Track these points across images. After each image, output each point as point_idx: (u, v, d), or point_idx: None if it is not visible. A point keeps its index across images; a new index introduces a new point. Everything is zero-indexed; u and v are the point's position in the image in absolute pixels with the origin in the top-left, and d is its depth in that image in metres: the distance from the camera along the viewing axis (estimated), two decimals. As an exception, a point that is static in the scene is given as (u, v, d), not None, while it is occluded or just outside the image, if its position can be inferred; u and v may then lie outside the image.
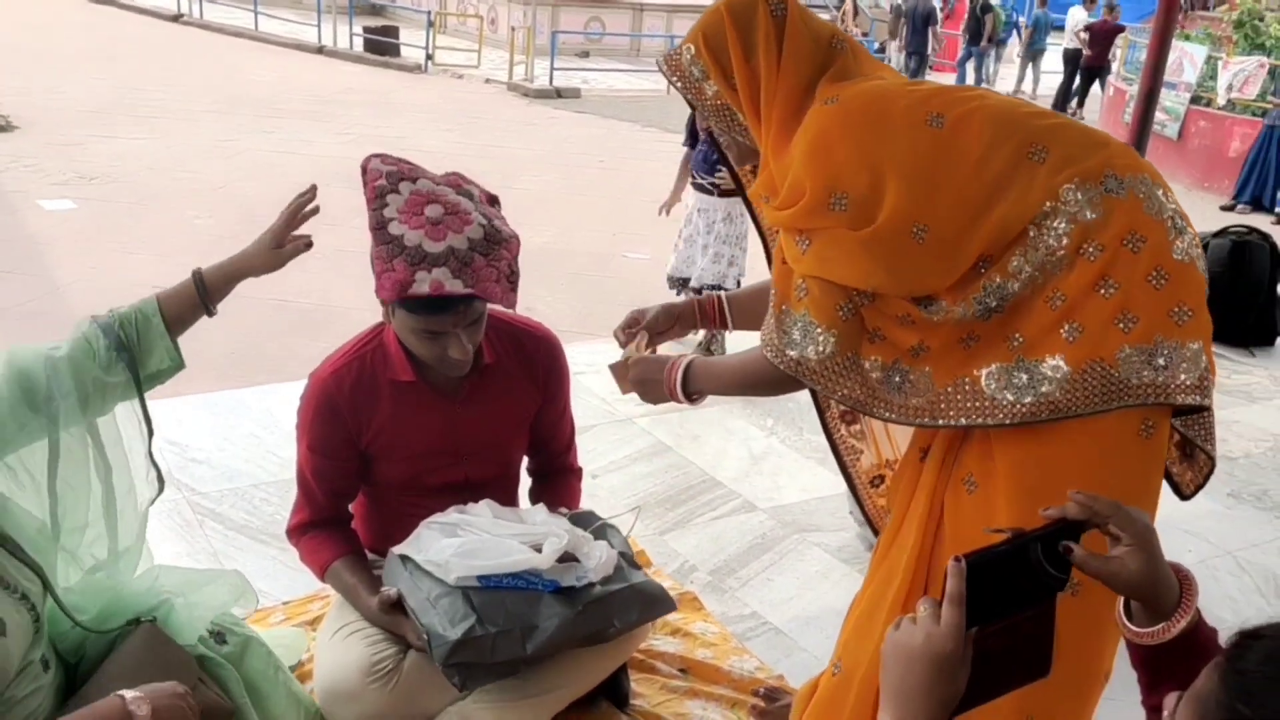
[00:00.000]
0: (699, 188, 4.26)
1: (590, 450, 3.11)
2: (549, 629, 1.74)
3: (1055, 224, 1.36)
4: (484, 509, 1.91)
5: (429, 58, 14.53)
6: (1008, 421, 1.38)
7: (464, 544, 1.78)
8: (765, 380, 1.59)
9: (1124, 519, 1.07)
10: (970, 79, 15.49)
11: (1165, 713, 0.96)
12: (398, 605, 1.81)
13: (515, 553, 1.78)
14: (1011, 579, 1.05)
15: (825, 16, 3.16)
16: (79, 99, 10.15)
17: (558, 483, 2.17)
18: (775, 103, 1.51)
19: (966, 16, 15.42)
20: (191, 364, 4.26)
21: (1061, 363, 1.36)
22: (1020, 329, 1.38)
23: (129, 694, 1.34)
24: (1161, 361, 1.35)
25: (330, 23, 15.20)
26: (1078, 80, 14.56)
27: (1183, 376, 1.36)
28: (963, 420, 1.41)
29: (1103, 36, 13.90)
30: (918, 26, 14.39)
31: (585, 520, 2.00)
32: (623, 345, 1.91)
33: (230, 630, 1.70)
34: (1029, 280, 1.37)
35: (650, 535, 2.84)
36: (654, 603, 1.90)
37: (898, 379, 1.45)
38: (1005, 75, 16.39)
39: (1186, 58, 10.44)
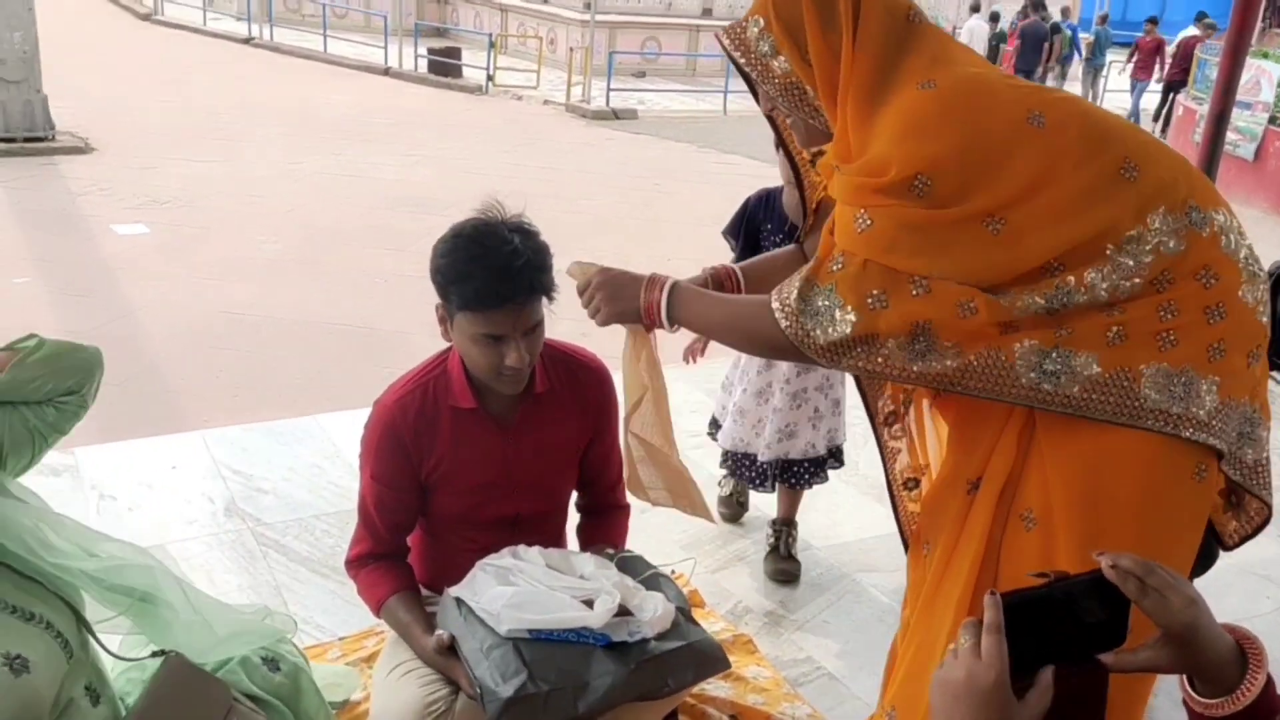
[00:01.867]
0: None
1: (642, 485, 3.10)
2: (601, 687, 1.73)
3: (1138, 249, 1.34)
4: (536, 555, 1.91)
5: (490, 78, 14.75)
6: (1017, 401, 1.37)
7: (516, 594, 1.79)
8: (762, 338, 1.50)
9: (1157, 606, 1.03)
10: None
11: None
12: (451, 649, 1.81)
13: (567, 608, 1.78)
14: (1058, 627, 1.02)
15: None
16: (153, 122, 10.50)
17: (605, 520, 2.17)
18: (853, 79, 1.42)
19: (1025, 36, 15.30)
20: (256, 389, 4.35)
21: (1094, 362, 1.34)
22: (1071, 325, 1.36)
23: None
24: (1182, 390, 1.34)
25: (396, 45, 15.52)
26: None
27: (1199, 412, 1.34)
28: (979, 391, 1.37)
29: (1147, 53, 14.18)
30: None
31: (635, 566, 1.99)
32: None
33: (283, 658, 1.73)
34: (1099, 296, 1.35)
35: (703, 574, 2.82)
36: (709, 662, 1.88)
37: (921, 347, 1.37)
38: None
39: (1264, 76, 10.15)
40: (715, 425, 2.97)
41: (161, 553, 2.69)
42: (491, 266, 1.74)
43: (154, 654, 1.60)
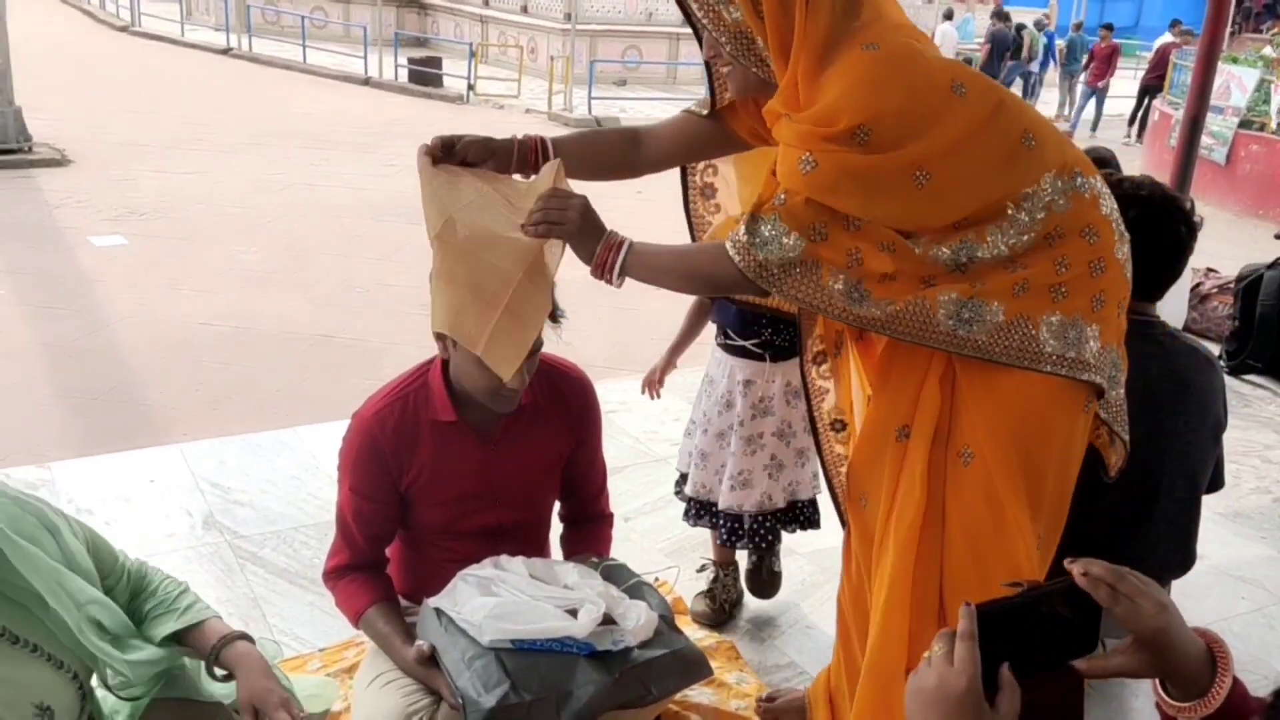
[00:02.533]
0: (735, 351, 2.50)
1: (623, 492, 3.10)
2: (584, 696, 1.73)
3: (1033, 206, 1.53)
4: (519, 565, 1.90)
5: (471, 88, 14.75)
6: (937, 346, 1.56)
7: (498, 605, 1.78)
8: (714, 276, 1.65)
9: (1129, 612, 1.04)
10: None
11: None
12: (432, 659, 1.80)
13: (550, 618, 1.78)
14: (1031, 635, 1.03)
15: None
16: (130, 133, 10.44)
17: (589, 529, 2.17)
18: (806, 38, 1.53)
19: (994, 41, 15.58)
20: (235, 401, 4.33)
21: (1001, 311, 1.54)
22: (984, 280, 1.54)
23: None
24: (1072, 337, 1.55)
25: (376, 55, 15.49)
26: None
27: (1087, 355, 1.57)
28: (905, 336, 1.56)
29: (1102, 60, 14.42)
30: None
31: (619, 575, 1.98)
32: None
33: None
34: (999, 252, 1.53)
35: (686, 582, 2.80)
36: (692, 669, 1.87)
37: (857, 295, 1.55)
38: (1047, 99, 16.28)
39: (1234, 81, 10.28)
40: (683, 479, 2.63)
41: (140, 567, 2.68)
42: None
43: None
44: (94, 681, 1.54)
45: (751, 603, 2.75)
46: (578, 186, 1.80)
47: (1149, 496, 2.19)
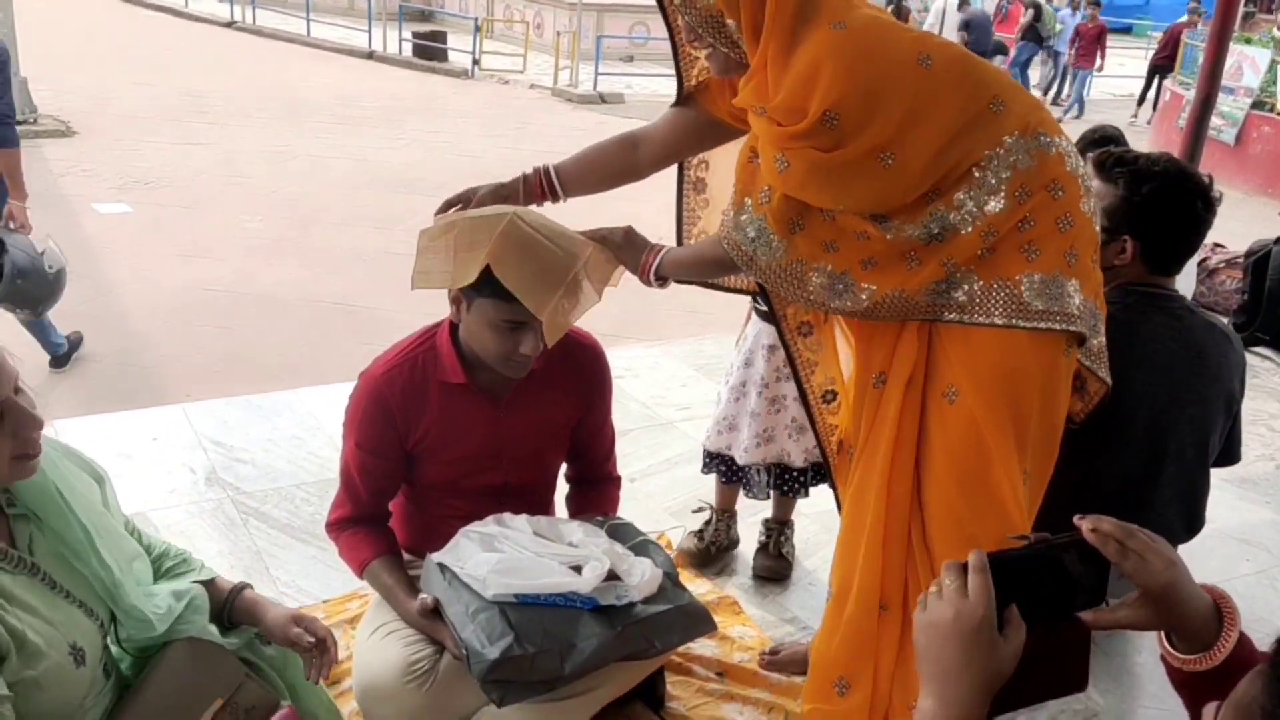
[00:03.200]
0: (765, 316, 2.48)
1: (629, 454, 3.09)
2: (587, 649, 1.73)
3: (998, 166, 1.56)
4: (523, 523, 1.90)
5: (475, 63, 14.67)
6: (923, 318, 1.63)
7: (502, 560, 1.78)
8: (719, 263, 1.76)
9: (1137, 568, 1.05)
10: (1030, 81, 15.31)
11: None
12: (435, 611, 1.81)
13: (555, 574, 1.78)
14: (1039, 587, 1.03)
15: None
16: (134, 104, 10.41)
17: (596, 491, 2.17)
18: (777, 19, 1.55)
19: (1024, 20, 15.21)
20: (238, 366, 4.35)
21: (975, 277, 1.61)
22: (954, 255, 1.59)
23: None
24: (1054, 292, 1.60)
25: (380, 28, 15.40)
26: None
27: (1070, 308, 1.61)
28: (888, 318, 1.64)
29: (1089, 40, 14.10)
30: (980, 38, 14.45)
31: (624, 533, 1.98)
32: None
33: None
34: (969, 214, 1.57)
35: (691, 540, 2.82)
36: (696, 623, 1.88)
37: (840, 287, 1.62)
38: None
39: (1247, 62, 10.19)
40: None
41: (143, 520, 2.67)
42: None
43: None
44: None
45: (754, 559, 2.74)
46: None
47: (1159, 461, 2.20)
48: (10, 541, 1.41)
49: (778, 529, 2.71)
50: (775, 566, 2.67)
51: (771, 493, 2.62)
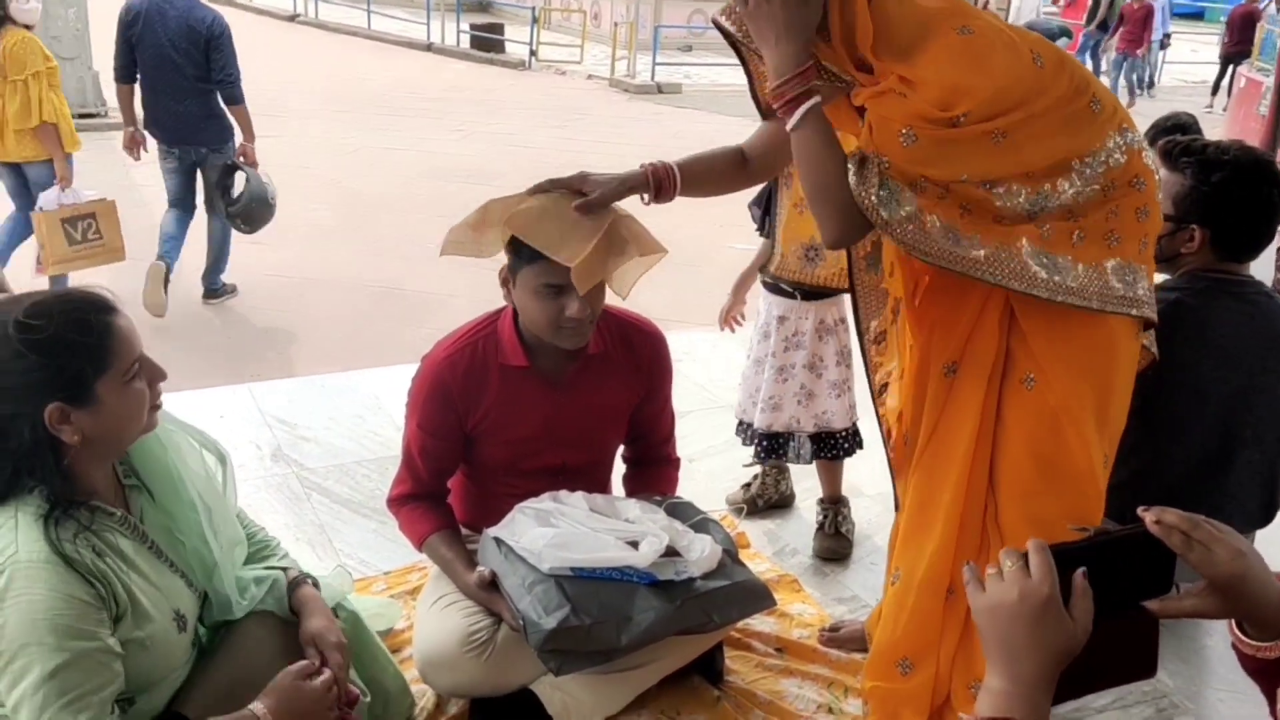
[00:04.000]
0: (773, 289, 2.65)
1: (688, 435, 3.07)
2: (644, 622, 1.74)
3: (1095, 163, 1.63)
4: (579, 500, 1.91)
5: (533, 54, 14.73)
6: (1043, 295, 1.62)
7: (558, 535, 1.79)
8: (840, 203, 1.62)
9: (1203, 559, 1.03)
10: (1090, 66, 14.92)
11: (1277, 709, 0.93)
12: (493, 584, 1.83)
13: (611, 549, 1.78)
14: (1104, 578, 1.02)
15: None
16: (203, 97, 10.61)
17: (654, 471, 2.17)
18: (897, 36, 1.58)
19: (1091, 4, 14.78)
20: (304, 346, 4.41)
21: (1071, 260, 1.64)
22: (1048, 224, 1.64)
23: (259, 709, 1.44)
24: (1130, 278, 1.67)
25: (439, 20, 15.55)
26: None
27: (1142, 294, 1.68)
28: (1012, 284, 1.62)
29: (1135, 23, 13.43)
30: None
31: (684, 511, 1.98)
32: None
33: (341, 606, 1.80)
34: (1065, 201, 1.63)
35: (751, 519, 2.81)
36: (755, 599, 1.89)
37: (952, 236, 1.64)
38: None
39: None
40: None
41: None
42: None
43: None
44: None
45: (813, 539, 2.71)
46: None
47: (1231, 447, 2.16)
48: (125, 508, 1.49)
49: (833, 508, 2.70)
50: (835, 546, 2.66)
51: (815, 462, 2.68)
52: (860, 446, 2.69)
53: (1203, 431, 2.13)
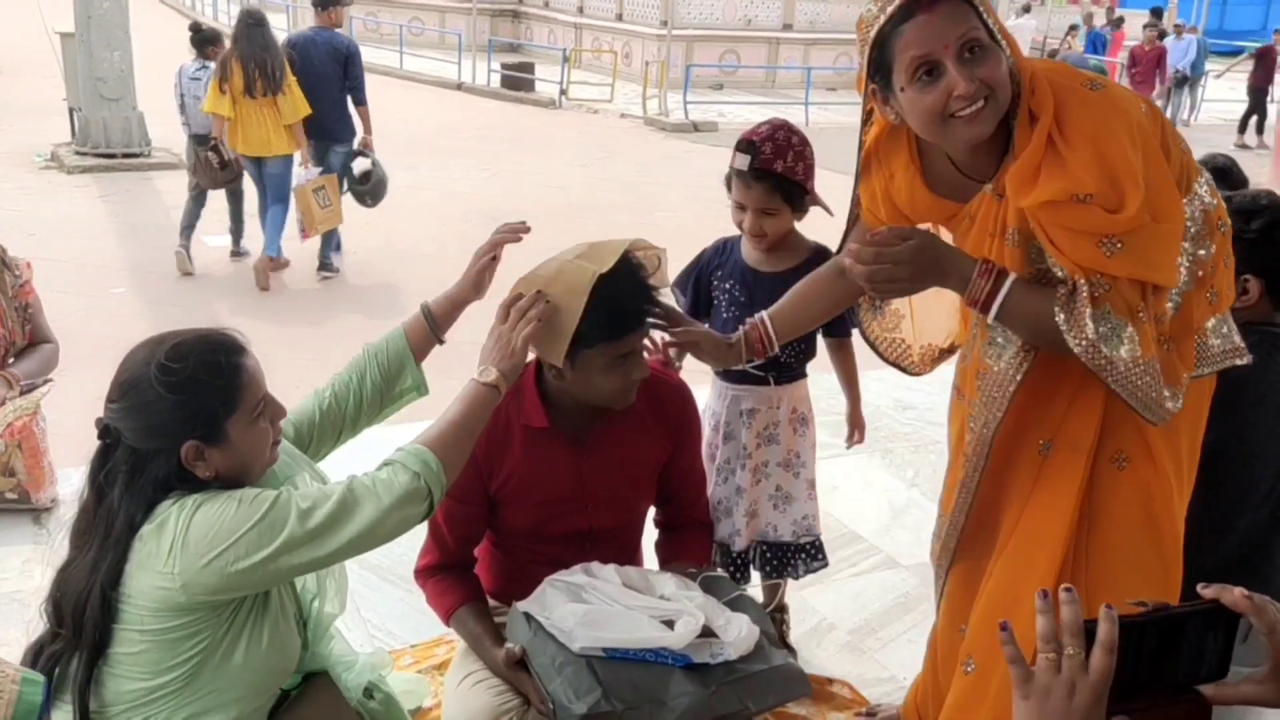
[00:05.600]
0: (738, 377, 2.32)
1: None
2: (678, 708, 1.68)
3: (1193, 209, 1.55)
4: (611, 573, 1.86)
5: (563, 93, 14.87)
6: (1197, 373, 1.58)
7: (590, 612, 1.74)
8: (1058, 347, 1.52)
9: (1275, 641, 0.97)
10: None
11: None
12: (521, 662, 1.79)
13: (645, 628, 1.73)
14: (1158, 655, 0.98)
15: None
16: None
17: (686, 537, 2.12)
18: (1046, 99, 1.47)
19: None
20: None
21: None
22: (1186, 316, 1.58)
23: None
24: (1225, 329, 1.61)
25: (470, 60, 15.75)
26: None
27: (1238, 340, 1.63)
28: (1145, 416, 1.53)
29: (1148, 64, 13.30)
30: None
31: (720, 587, 1.92)
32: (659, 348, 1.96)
33: (377, 687, 1.81)
34: (1190, 261, 1.55)
35: (788, 590, 2.73)
36: (792, 685, 1.81)
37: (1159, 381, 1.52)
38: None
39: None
40: None
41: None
42: (618, 294, 1.75)
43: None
44: None
45: (852, 614, 2.65)
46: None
47: None
48: None
49: (777, 618, 2.48)
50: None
51: (755, 574, 2.41)
52: (825, 563, 2.42)
53: (1257, 497, 2.03)
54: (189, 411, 1.43)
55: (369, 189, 6.38)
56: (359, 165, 6.40)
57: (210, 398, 1.44)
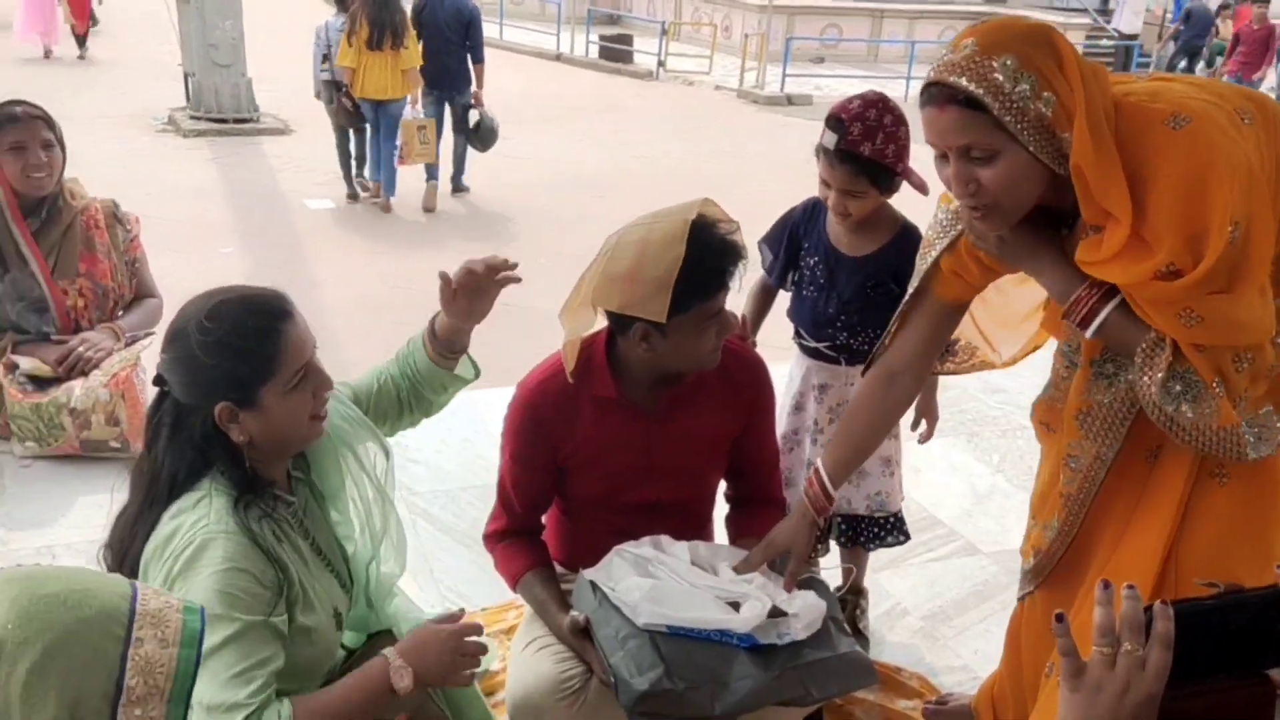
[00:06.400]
0: (812, 353, 2.35)
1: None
2: (741, 690, 1.66)
3: None
4: (681, 550, 1.84)
5: (661, 64, 14.77)
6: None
7: (655, 588, 1.73)
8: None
9: None
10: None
11: None
12: (586, 631, 1.79)
13: (710, 608, 1.71)
14: (1225, 638, 0.96)
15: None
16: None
17: (758, 513, 2.07)
18: (1094, 113, 1.35)
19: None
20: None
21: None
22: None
23: (389, 651, 1.46)
24: None
25: (569, 32, 15.76)
26: None
27: None
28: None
29: (1254, 44, 11.95)
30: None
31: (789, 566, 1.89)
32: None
33: None
34: None
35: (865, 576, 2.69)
36: (857, 674, 1.78)
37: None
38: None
39: None
40: None
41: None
42: (708, 249, 1.71)
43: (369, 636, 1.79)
44: None
45: (927, 600, 2.59)
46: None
47: None
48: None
49: (854, 600, 2.44)
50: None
51: (835, 546, 2.38)
52: (907, 537, 2.38)
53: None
54: (222, 373, 1.41)
55: (481, 135, 7.41)
56: (472, 117, 7.39)
57: (244, 362, 1.42)
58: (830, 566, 2.43)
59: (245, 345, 1.42)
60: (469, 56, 7.33)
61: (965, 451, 3.43)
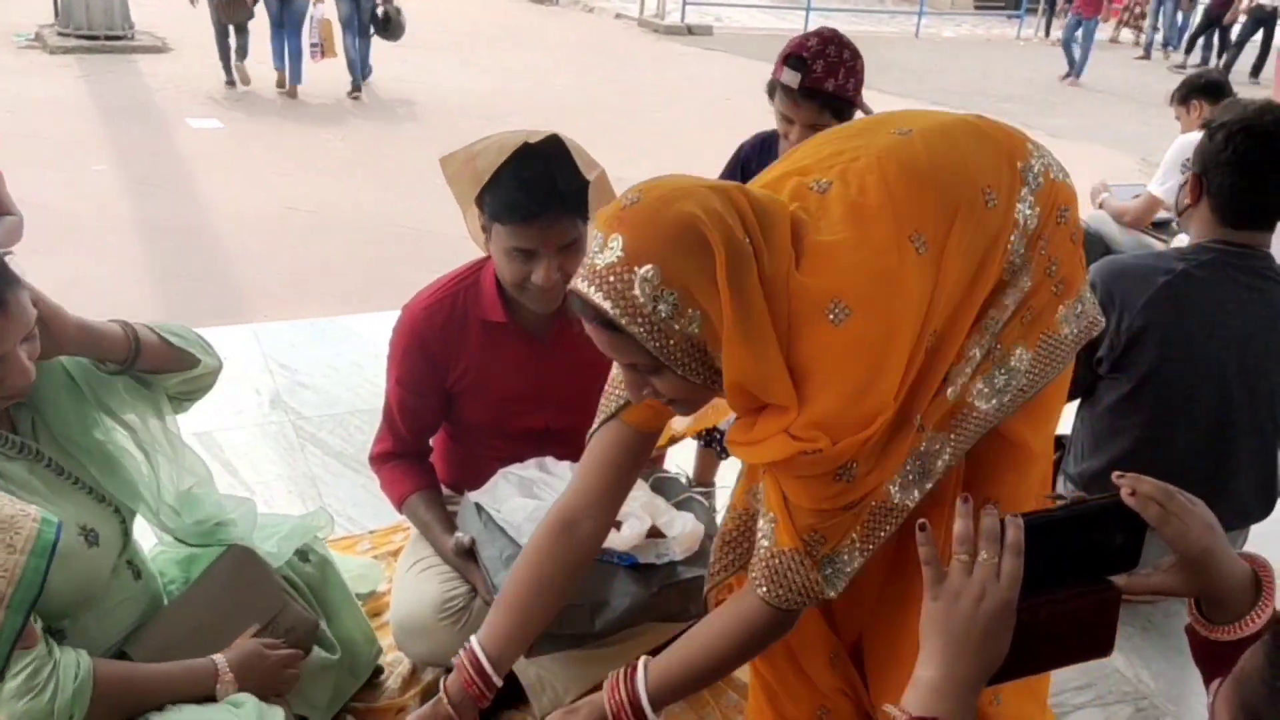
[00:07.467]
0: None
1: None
2: (619, 608, 1.70)
3: (1019, 239, 1.32)
4: (565, 470, 1.86)
5: (563, -10, 14.48)
6: (994, 424, 1.35)
7: (539, 508, 1.74)
8: (769, 634, 1.34)
9: (1176, 532, 1.01)
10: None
11: (1209, 699, 0.93)
12: (470, 552, 1.81)
13: None
14: (1072, 549, 1.02)
15: None
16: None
17: None
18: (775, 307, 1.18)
19: None
20: (313, 287, 4.39)
21: (1023, 350, 1.36)
22: (999, 341, 1.35)
23: (221, 661, 1.51)
24: (1078, 310, 1.41)
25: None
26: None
27: (1089, 310, 1.44)
28: (964, 447, 1.35)
29: None
30: None
31: (670, 488, 1.94)
32: None
33: (312, 550, 1.79)
34: (1010, 303, 1.34)
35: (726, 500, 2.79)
36: None
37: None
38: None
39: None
40: None
41: (209, 440, 2.76)
42: (523, 180, 1.67)
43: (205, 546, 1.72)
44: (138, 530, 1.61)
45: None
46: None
47: (1230, 434, 2.10)
48: (11, 428, 1.46)
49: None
50: None
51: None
52: None
53: (1201, 415, 2.07)
54: None
55: (389, 29, 8.29)
56: (379, 10, 8.22)
57: None
58: (724, 486, 2.50)
59: None
60: None
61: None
